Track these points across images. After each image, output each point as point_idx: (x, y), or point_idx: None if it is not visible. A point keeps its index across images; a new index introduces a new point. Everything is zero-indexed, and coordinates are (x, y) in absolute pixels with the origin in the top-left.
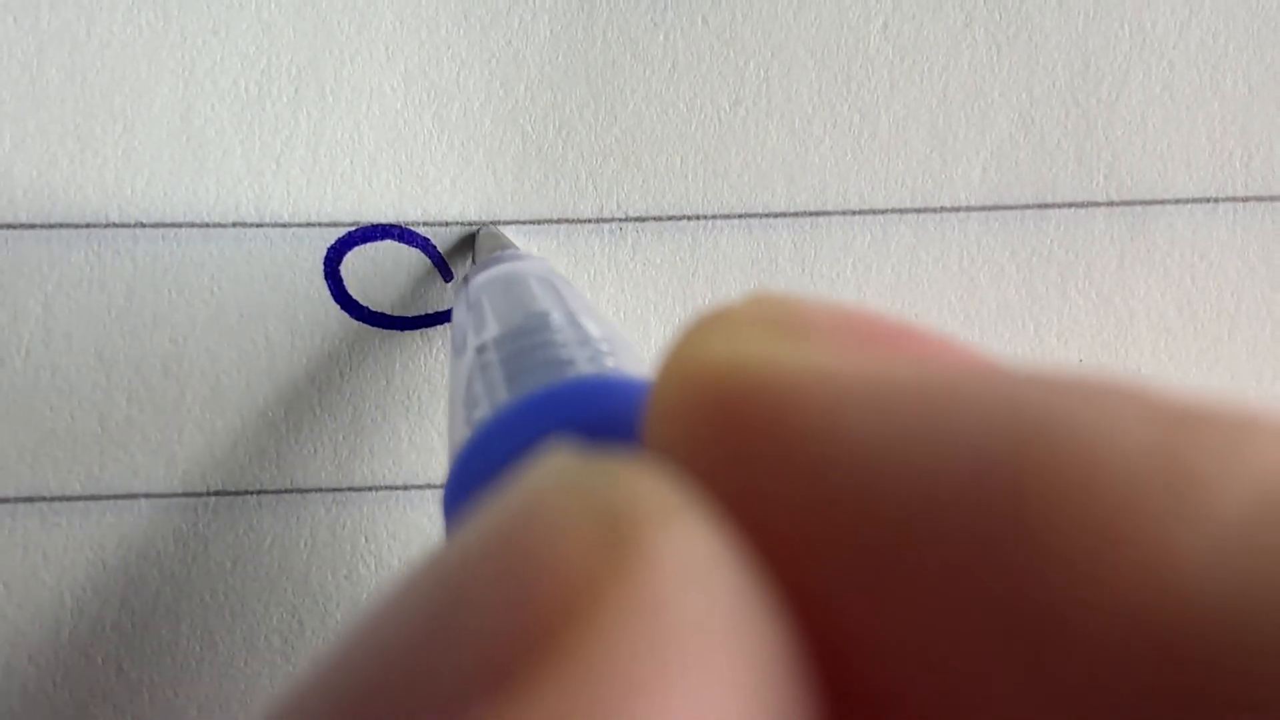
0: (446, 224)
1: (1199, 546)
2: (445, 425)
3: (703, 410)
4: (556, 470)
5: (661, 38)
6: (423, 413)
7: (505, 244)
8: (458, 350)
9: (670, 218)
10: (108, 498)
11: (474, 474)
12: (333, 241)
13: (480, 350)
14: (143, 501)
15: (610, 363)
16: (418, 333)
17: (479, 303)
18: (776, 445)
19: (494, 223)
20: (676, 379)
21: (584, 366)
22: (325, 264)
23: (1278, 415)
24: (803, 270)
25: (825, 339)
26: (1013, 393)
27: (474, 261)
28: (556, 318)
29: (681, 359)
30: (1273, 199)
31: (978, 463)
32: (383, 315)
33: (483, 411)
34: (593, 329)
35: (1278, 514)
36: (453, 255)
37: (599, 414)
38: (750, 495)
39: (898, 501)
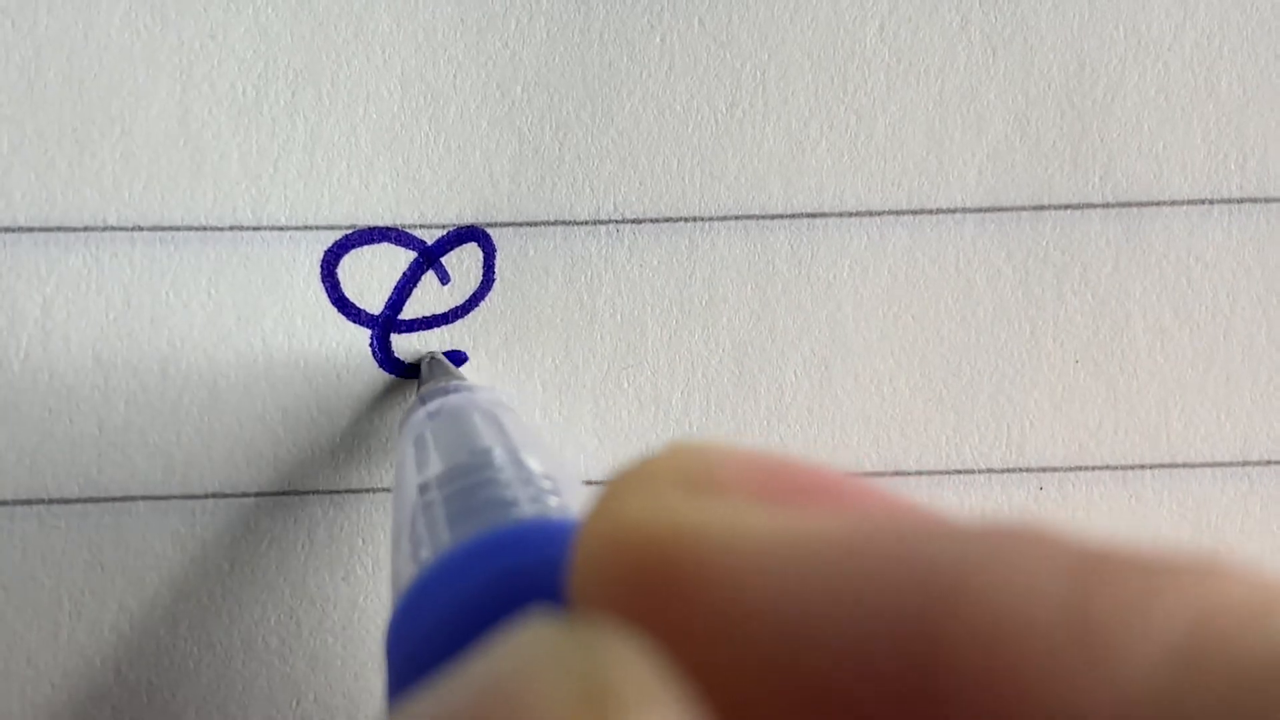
0: (444, 226)
1: (1108, 703)
2: (390, 551)
3: (622, 570)
4: (537, 644)
5: (658, 40)
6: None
7: (450, 373)
8: (400, 484)
9: (667, 219)
10: (105, 500)
11: (418, 619)
12: (330, 244)
13: (423, 489)
14: (140, 503)
15: (553, 501)
16: (414, 335)
17: (423, 438)
18: (693, 605)
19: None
20: (597, 538)
21: (526, 508)
22: (322, 267)
23: (1187, 558)
24: (799, 272)
25: (741, 493)
26: (923, 548)
27: (419, 392)
28: (499, 454)
29: (602, 517)
30: (1268, 200)
31: (890, 621)
32: (379, 318)
33: (426, 553)
34: (535, 465)
35: (1186, 671)
36: (449, 258)
37: (539, 560)
38: (675, 653)
39: (814, 659)
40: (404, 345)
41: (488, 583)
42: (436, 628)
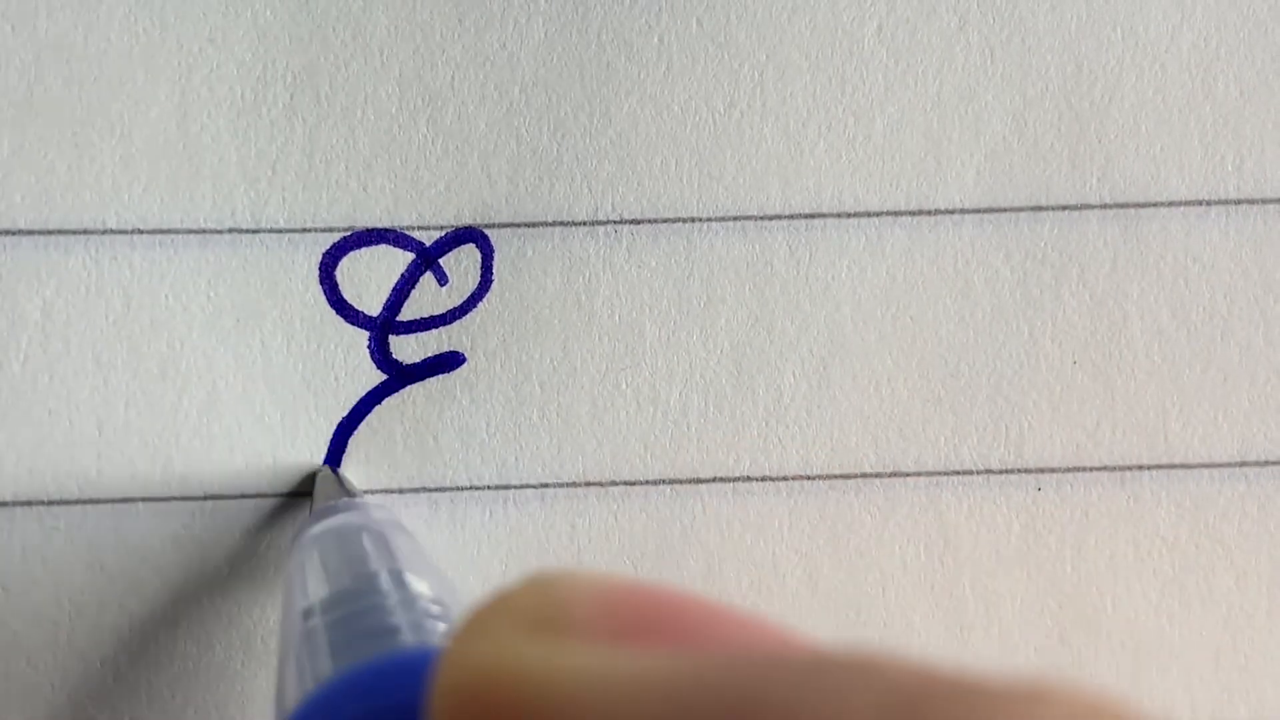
0: (442, 228)
1: None
2: (276, 671)
3: (465, 714)
4: None
5: (656, 40)
6: (418, 417)
7: (345, 489)
8: (287, 607)
9: (665, 220)
10: (105, 501)
11: None
12: (328, 246)
13: (306, 614)
14: (140, 505)
15: (439, 627)
16: (413, 337)
17: (309, 560)
18: None
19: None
20: (449, 682)
21: (407, 635)
22: (320, 269)
23: (1015, 685)
24: (797, 273)
25: (586, 633)
26: (755, 685)
27: (310, 511)
28: (384, 579)
29: (453, 660)
30: (1265, 201)
31: None
32: (378, 320)
33: (308, 681)
34: (423, 589)
35: None
36: (448, 259)
37: (406, 695)
38: None
39: None
40: (402, 346)
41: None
42: None
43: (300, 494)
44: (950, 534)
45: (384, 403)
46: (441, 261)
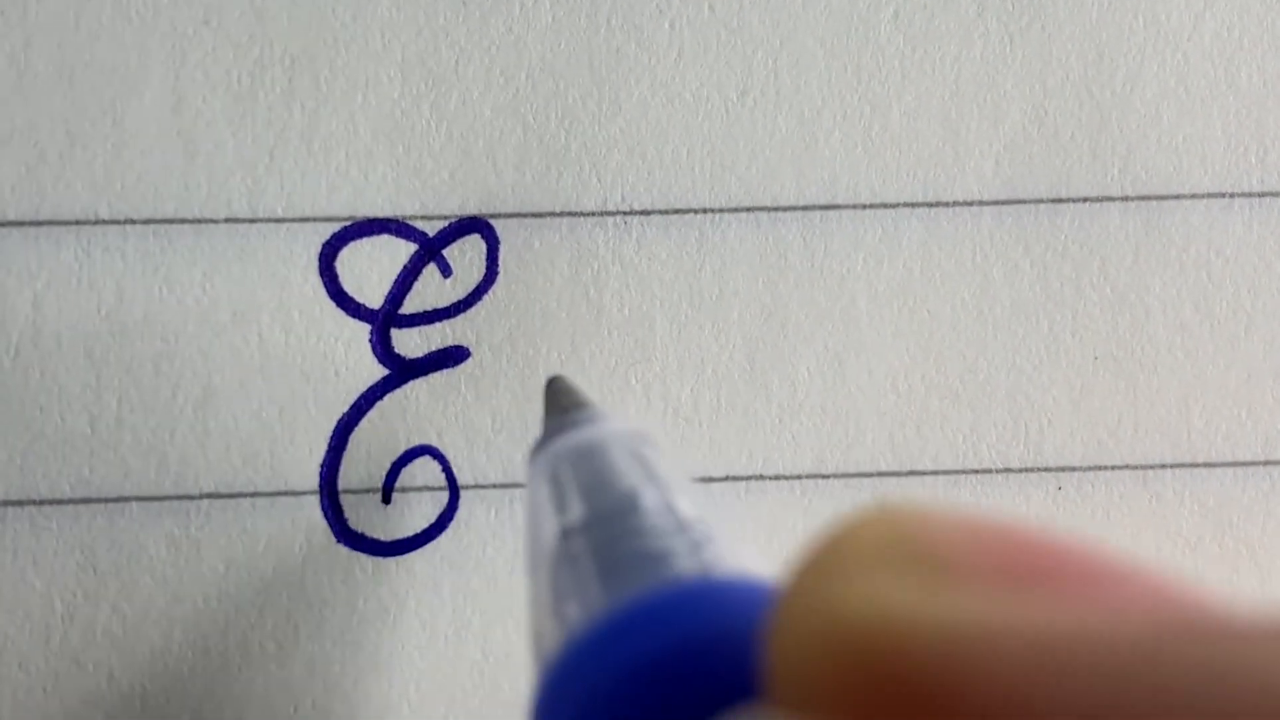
0: (445, 218)
1: None
2: (528, 596)
3: (848, 680)
4: None
5: (667, 25)
6: (420, 414)
7: (579, 400)
8: (535, 528)
9: (676, 211)
10: (98, 500)
11: (568, 689)
12: (328, 236)
13: (566, 535)
14: (134, 504)
15: (710, 553)
16: (415, 330)
17: (558, 478)
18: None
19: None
20: (808, 633)
21: (683, 561)
22: (320, 259)
23: None
24: (812, 265)
25: (970, 579)
26: (1223, 655)
27: (545, 421)
28: (647, 499)
29: (809, 604)
30: None
31: None
32: (379, 312)
33: (574, 610)
34: (686, 509)
35: None
36: (451, 250)
37: (707, 627)
38: None
39: None
40: (405, 340)
41: (654, 656)
42: (596, 703)
43: (301, 493)
44: None
45: (386, 398)
46: (445, 252)
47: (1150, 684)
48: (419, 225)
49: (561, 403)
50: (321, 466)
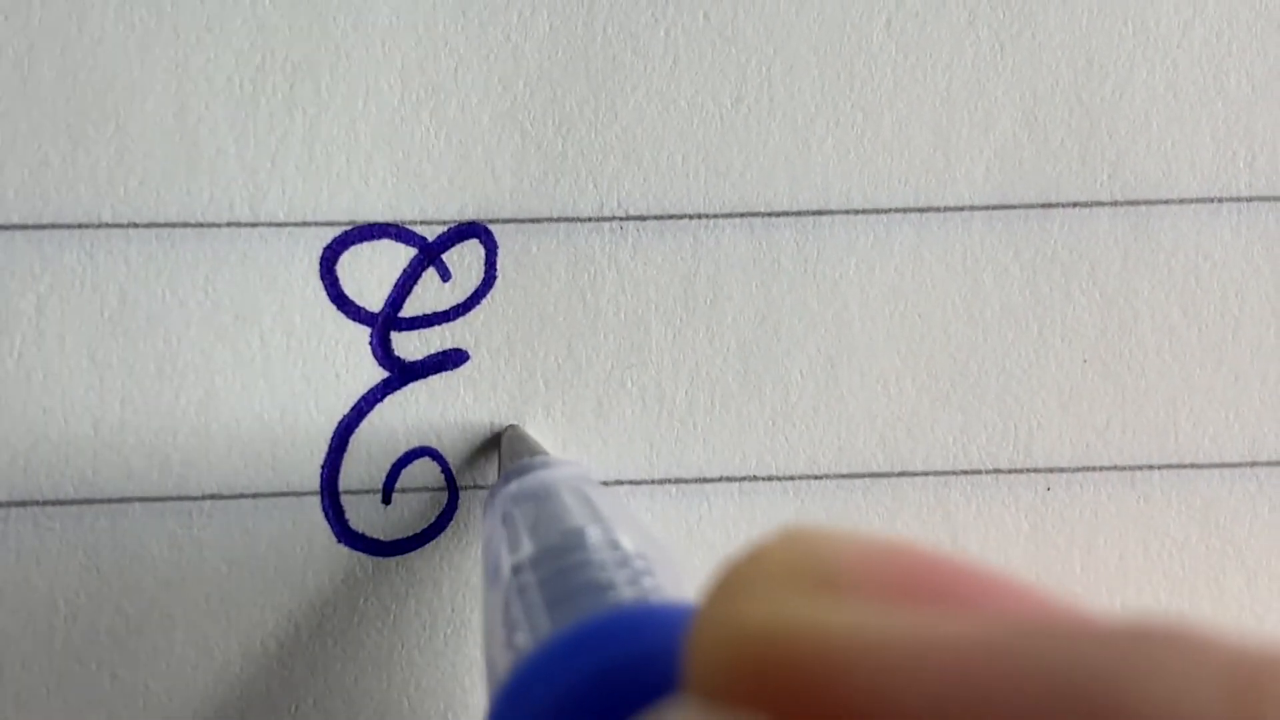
0: (444, 223)
1: None
2: (482, 630)
3: (746, 676)
4: None
5: (663, 33)
6: (420, 415)
7: (532, 448)
8: (491, 567)
9: (671, 216)
10: (101, 501)
11: (518, 707)
12: (328, 241)
13: (516, 571)
14: (136, 505)
15: (649, 583)
16: (415, 333)
17: (511, 518)
18: (831, 715)
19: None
20: (715, 639)
21: (624, 590)
22: (321, 264)
23: None
24: (805, 270)
25: (863, 592)
26: (1074, 653)
27: (500, 469)
28: (593, 535)
29: (719, 616)
30: (1277, 199)
31: None
32: (379, 316)
33: (524, 638)
34: (629, 544)
35: None
36: (450, 255)
37: (644, 650)
38: None
39: None
40: (404, 343)
41: (593, 673)
42: (542, 717)
43: (302, 493)
44: (958, 534)
45: (386, 400)
46: (444, 257)
47: (1006, 677)
48: (418, 230)
49: (516, 449)
50: (322, 467)
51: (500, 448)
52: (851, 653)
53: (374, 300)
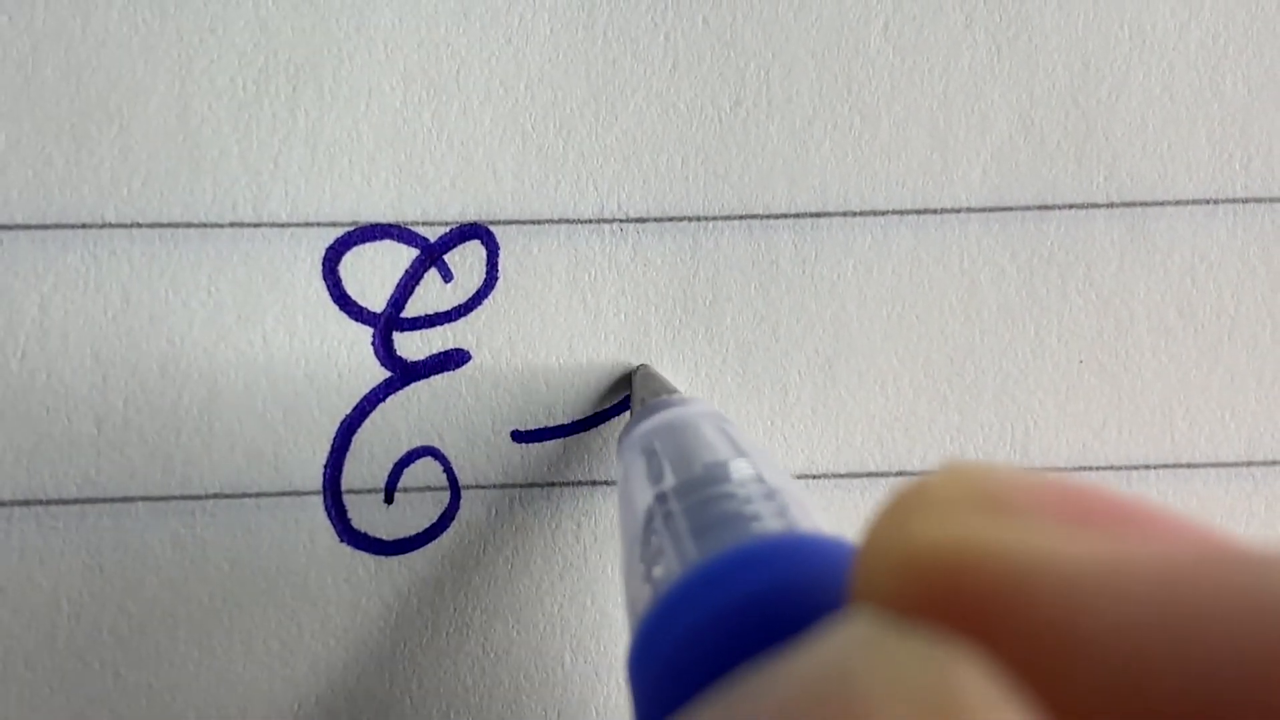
0: (446, 224)
1: None
2: (621, 567)
3: (921, 591)
4: (867, 648)
5: (662, 38)
6: (421, 415)
7: (665, 386)
8: (628, 502)
9: (671, 218)
10: (104, 501)
11: (665, 633)
12: (331, 241)
13: (660, 500)
14: (139, 504)
15: (793, 516)
16: (417, 333)
17: (652, 449)
18: (1015, 631)
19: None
20: (887, 557)
21: (770, 522)
22: (323, 264)
23: None
24: (803, 272)
25: (1029, 517)
26: (1270, 580)
27: (632, 405)
28: (738, 467)
29: (891, 536)
30: (1272, 200)
31: (1239, 657)
32: (381, 316)
33: (668, 567)
34: (772, 479)
35: None
36: (452, 255)
37: (793, 576)
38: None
39: (1154, 695)
40: (406, 343)
41: (745, 599)
42: (689, 646)
43: (305, 493)
44: None
45: (388, 400)
46: (446, 258)
47: (1201, 600)
48: (420, 231)
49: (650, 386)
50: (325, 467)
51: (632, 385)
52: (1043, 569)
53: (376, 300)
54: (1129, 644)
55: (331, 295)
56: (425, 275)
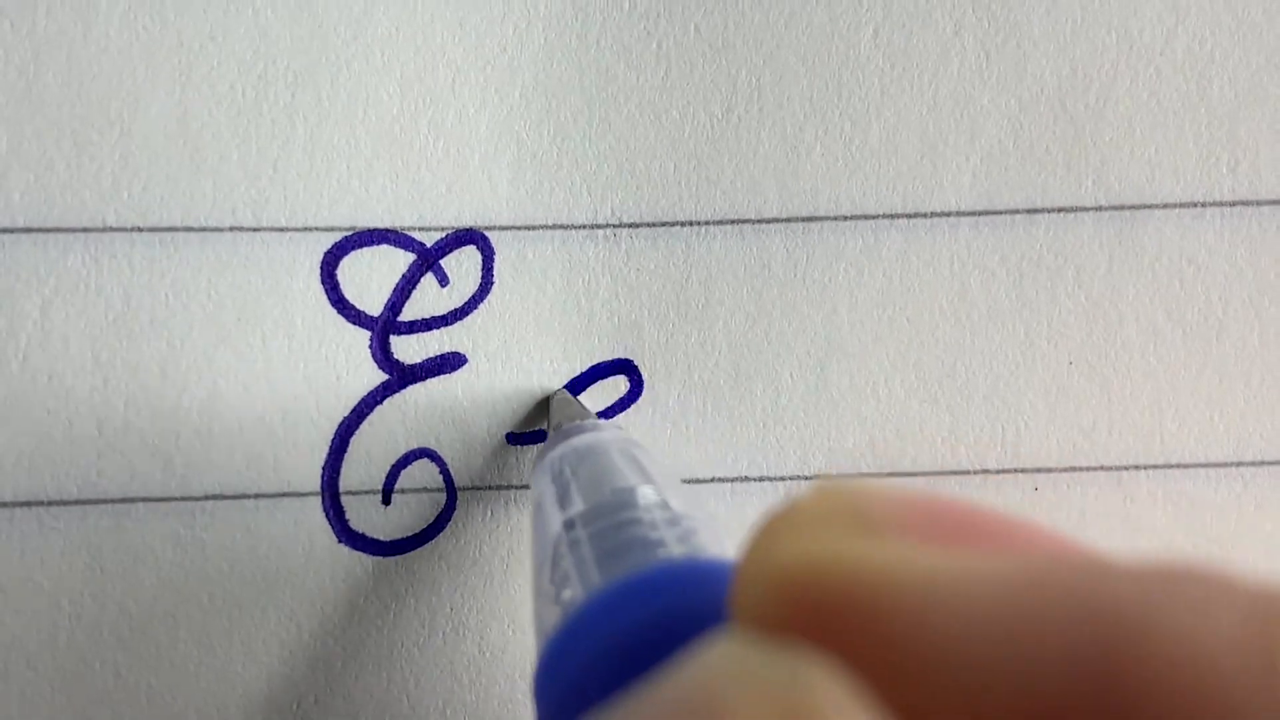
0: (442, 229)
1: None
2: (531, 588)
3: (789, 607)
4: (731, 662)
5: (655, 45)
6: (418, 418)
7: (580, 411)
8: (539, 524)
9: (664, 224)
10: (105, 502)
11: (568, 655)
12: (329, 246)
13: (568, 526)
14: (140, 505)
15: (697, 541)
16: (413, 337)
17: (562, 475)
18: (870, 641)
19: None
20: (760, 576)
21: (674, 547)
22: (322, 268)
23: None
24: (795, 275)
25: (891, 534)
26: (1100, 588)
27: (549, 430)
28: (644, 494)
29: (763, 556)
30: (1259, 203)
31: (1072, 660)
32: (379, 319)
33: (573, 590)
34: (677, 504)
35: None
36: (448, 260)
37: (695, 600)
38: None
39: (995, 698)
40: (403, 347)
41: (644, 622)
42: (591, 667)
43: (303, 494)
44: None
45: (385, 403)
46: (442, 262)
47: (1041, 607)
48: (417, 236)
49: (565, 411)
50: (323, 468)
51: (549, 410)
52: (894, 583)
53: (374, 304)
54: (968, 650)
55: (329, 299)
56: (422, 279)
